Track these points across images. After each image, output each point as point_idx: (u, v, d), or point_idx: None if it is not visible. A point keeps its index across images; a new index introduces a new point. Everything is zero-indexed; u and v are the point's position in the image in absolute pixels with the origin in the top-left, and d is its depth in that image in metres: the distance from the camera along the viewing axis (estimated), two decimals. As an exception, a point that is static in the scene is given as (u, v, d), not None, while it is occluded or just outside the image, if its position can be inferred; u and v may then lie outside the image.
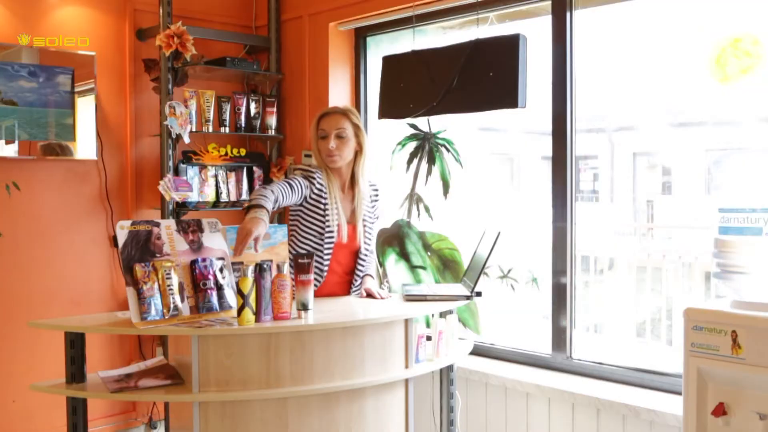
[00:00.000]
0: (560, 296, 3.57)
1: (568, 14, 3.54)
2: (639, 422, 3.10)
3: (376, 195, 3.43)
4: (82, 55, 4.18)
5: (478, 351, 3.77)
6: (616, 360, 3.43)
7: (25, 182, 3.76)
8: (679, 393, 2.73)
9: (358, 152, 3.30)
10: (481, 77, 3.56)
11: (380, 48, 4.44)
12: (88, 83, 4.21)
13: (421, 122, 4.24)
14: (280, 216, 4.70)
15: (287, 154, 4.69)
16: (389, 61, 4.01)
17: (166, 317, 2.59)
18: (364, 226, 3.33)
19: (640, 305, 3.70)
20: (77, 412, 2.67)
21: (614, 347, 3.61)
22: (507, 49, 3.47)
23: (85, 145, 4.20)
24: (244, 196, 4.58)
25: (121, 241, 2.60)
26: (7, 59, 3.93)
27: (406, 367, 2.91)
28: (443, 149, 4.21)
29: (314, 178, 3.21)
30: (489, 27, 3.79)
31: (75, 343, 2.66)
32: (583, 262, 3.68)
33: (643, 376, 3.29)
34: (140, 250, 2.63)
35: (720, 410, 2.41)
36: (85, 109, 4.20)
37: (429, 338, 3.10)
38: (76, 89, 4.16)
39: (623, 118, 3.76)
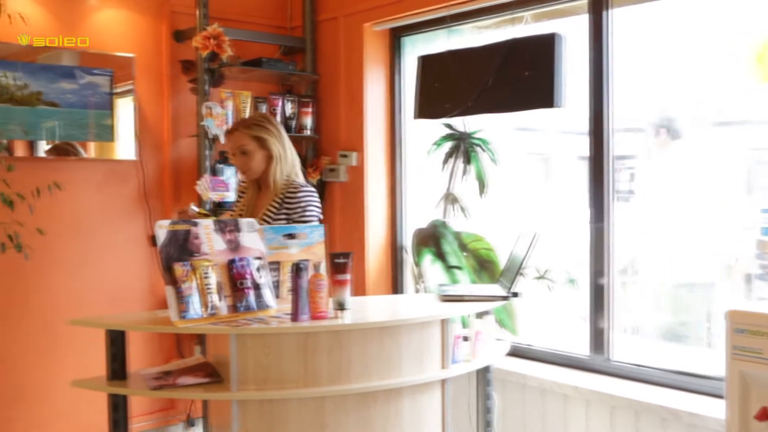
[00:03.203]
0: (598, 297, 3.54)
1: (605, 13, 3.51)
2: (680, 426, 3.06)
3: (291, 195, 3.25)
4: (121, 57, 4.23)
5: (515, 352, 3.75)
6: (656, 362, 3.39)
7: (67, 182, 3.81)
8: (720, 396, 2.70)
9: (271, 158, 3.27)
10: (517, 77, 3.54)
11: (415, 48, 4.44)
12: (127, 84, 4.26)
13: (457, 122, 4.23)
14: (316, 216, 4.72)
15: (323, 154, 4.71)
16: (425, 61, 4.00)
17: (205, 316, 2.60)
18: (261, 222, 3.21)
19: (677, 307, 3.65)
20: (118, 409, 2.70)
21: (653, 349, 3.56)
22: (543, 49, 3.45)
23: (124, 146, 4.25)
24: (280, 196, 4.60)
25: (160, 241, 2.62)
26: (49, 61, 3.98)
27: (443, 367, 2.89)
28: (479, 149, 4.19)
29: (240, 183, 3.44)
30: (524, 26, 3.76)
31: (116, 341, 2.69)
32: (620, 263, 3.64)
33: (683, 379, 3.25)
34: (179, 250, 2.65)
35: (764, 414, 2.37)
36: (124, 110, 4.25)
37: (466, 339, 3.09)
38: (116, 90, 4.21)
39: (661, 117, 3.71)
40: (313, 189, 3.32)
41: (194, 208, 3.16)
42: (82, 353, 4.00)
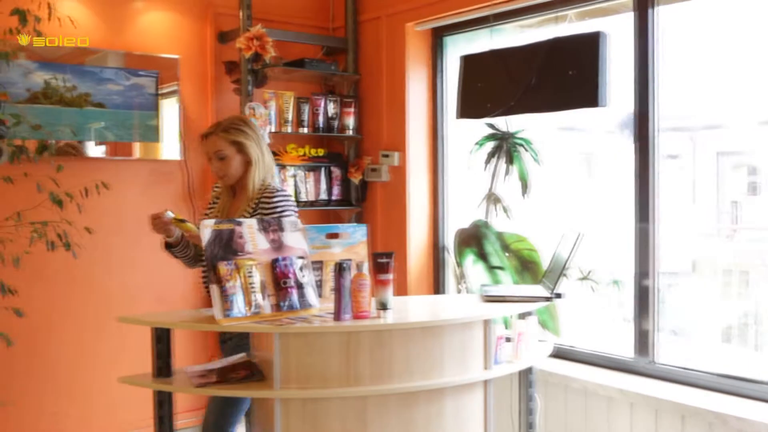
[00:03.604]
0: (643, 299, 3.49)
1: (650, 11, 3.47)
2: (727, 430, 3.01)
3: (267, 199, 3.09)
4: (166, 59, 4.29)
5: (558, 353, 3.72)
6: (702, 365, 3.34)
7: (114, 182, 3.88)
8: (769, 401, 2.65)
9: (249, 163, 3.11)
10: (561, 76, 3.51)
11: (457, 48, 4.42)
12: (172, 86, 4.31)
13: (500, 122, 4.21)
14: (358, 215, 4.73)
15: (365, 154, 4.72)
16: (467, 61, 3.99)
17: (249, 314, 2.63)
18: None
19: (727, 309, 3.59)
20: (163, 405, 2.73)
21: (699, 352, 3.50)
22: (588, 47, 3.42)
23: (169, 146, 4.31)
24: (323, 195, 4.63)
25: (205, 240, 2.65)
26: (96, 63, 4.05)
27: (485, 368, 2.88)
28: (521, 149, 4.17)
29: (213, 189, 3.34)
30: (568, 25, 3.73)
31: (162, 339, 2.73)
32: (665, 265, 3.59)
33: (731, 383, 3.19)
34: (223, 249, 2.67)
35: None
36: (169, 111, 4.31)
37: (508, 340, 3.07)
38: (161, 92, 4.27)
39: (708, 116, 3.65)
40: (288, 193, 3.18)
41: (170, 213, 2.96)
42: (129, 350, 4.07)
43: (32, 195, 3.51)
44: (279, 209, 3.05)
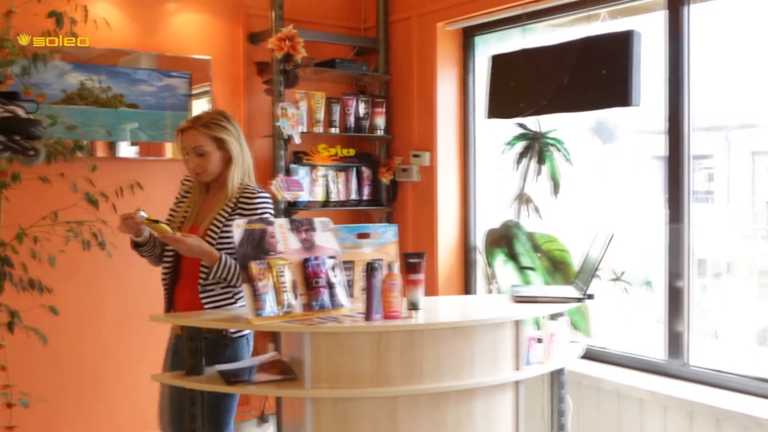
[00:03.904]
0: (676, 300, 3.46)
1: (683, 9, 3.43)
2: (762, 433, 2.97)
3: (247, 200, 2.95)
4: (198, 60, 4.33)
5: (589, 355, 3.70)
6: (737, 368, 3.30)
7: (147, 182, 3.91)
8: (806, 404, 2.60)
9: (229, 160, 2.98)
10: (593, 75, 3.48)
11: (488, 47, 4.41)
12: (204, 86, 4.35)
13: (530, 122, 4.19)
14: (389, 215, 4.74)
15: (395, 154, 4.72)
16: (498, 61, 3.97)
17: (280, 314, 2.64)
18: (210, 230, 2.92)
19: (762, 311, 3.54)
20: (195, 403, 2.76)
21: (733, 355, 3.45)
22: (620, 46, 3.39)
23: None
24: (353, 195, 4.64)
25: (237, 240, 2.67)
26: (129, 65, 4.10)
27: (516, 369, 2.87)
28: (553, 149, 4.14)
29: (182, 184, 3.17)
30: (600, 23, 3.70)
31: (194, 337, 2.75)
32: (699, 266, 3.54)
33: (766, 386, 3.15)
34: (255, 248, 2.69)
35: None
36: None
37: (539, 340, 3.05)
38: (192, 92, 4.31)
39: (742, 115, 3.60)
40: (268, 195, 3.03)
41: (143, 214, 2.79)
42: (161, 349, 4.11)
43: (68, 195, 3.56)
44: (259, 211, 2.93)
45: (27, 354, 3.64)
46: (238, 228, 2.68)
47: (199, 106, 4.33)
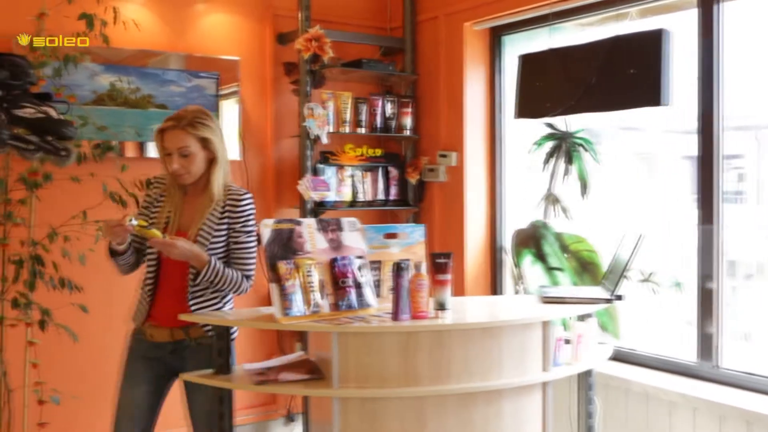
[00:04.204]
0: (707, 302, 3.42)
1: (715, 7, 3.39)
2: (794, 437, 2.93)
3: (234, 203, 2.85)
4: (226, 60, 4.35)
5: (618, 356, 3.66)
6: (769, 371, 3.26)
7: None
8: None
9: (213, 160, 2.84)
10: (622, 75, 3.46)
11: (516, 47, 4.39)
12: (232, 87, 4.37)
13: (559, 121, 4.16)
14: (416, 216, 4.73)
15: (422, 154, 4.72)
16: (526, 60, 3.95)
17: (307, 313, 2.65)
18: (201, 236, 2.80)
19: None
20: (224, 402, 2.77)
21: (765, 357, 3.41)
22: (650, 45, 3.36)
23: (229, 146, 4.35)
24: (380, 196, 4.64)
25: (265, 239, 2.68)
26: (158, 66, 4.14)
27: (544, 370, 2.85)
28: (581, 149, 4.12)
29: (152, 186, 2.99)
30: (629, 22, 3.67)
31: (222, 336, 2.77)
32: (730, 267, 3.51)
33: (798, 389, 3.11)
34: (283, 248, 2.70)
35: None
36: (229, 112, 4.37)
37: (567, 342, 3.04)
38: (221, 93, 4.33)
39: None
40: (251, 194, 2.92)
41: (134, 221, 2.65)
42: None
43: (98, 194, 3.59)
44: (247, 213, 2.86)
45: (58, 351, 3.68)
46: (266, 227, 2.69)
47: (228, 107, 4.35)
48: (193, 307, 2.82)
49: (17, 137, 2.64)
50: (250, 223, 2.87)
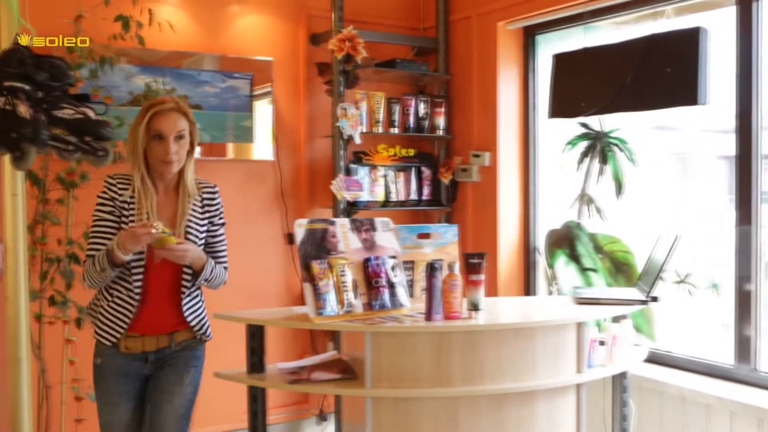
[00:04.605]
0: (745, 304, 3.37)
1: (754, 4, 3.34)
2: (835, 442, 2.88)
3: (213, 196, 2.80)
4: (260, 61, 4.38)
5: (653, 358, 3.63)
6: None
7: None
8: None
9: (191, 150, 2.72)
10: (658, 73, 3.42)
11: (550, 46, 4.36)
12: (265, 87, 4.40)
13: (593, 121, 4.13)
14: (448, 216, 4.72)
15: (455, 154, 4.71)
16: (560, 60, 3.93)
17: (341, 313, 2.66)
18: (190, 234, 2.70)
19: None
20: (257, 400, 2.80)
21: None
22: (686, 44, 3.32)
23: (261, 147, 4.40)
24: (413, 196, 4.64)
25: (298, 239, 2.69)
26: (192, 66, 4.17)
27: (578, 371, 2.83)
28: (616, 148, 4.08)
29: (113, 189, 2.66)
30: (666, 21, 3.63)
31: (256, 335, 2.79)
32: (768, 269, 3.47)
33: (839, 393, 3.05)
34: (316, 248, 2.71)
35: None
36: (262, 112, 4.40)
37: (602, 343, 3.01)
38: (254, 93, 4.36)
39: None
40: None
41: (160, 226, 2.52)
42: (222, 347, 4.17)
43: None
44: (221, 206, 2.83)
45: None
46: (300, 227, 2.70)
47: (261, 107, 4.38)
48: (187, 309, 2.71)
49: (56, 138, 2.68)
50: (222, 216, 2.84)
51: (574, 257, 4.25)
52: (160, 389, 2.73)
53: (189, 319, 2.73)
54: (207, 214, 2.77)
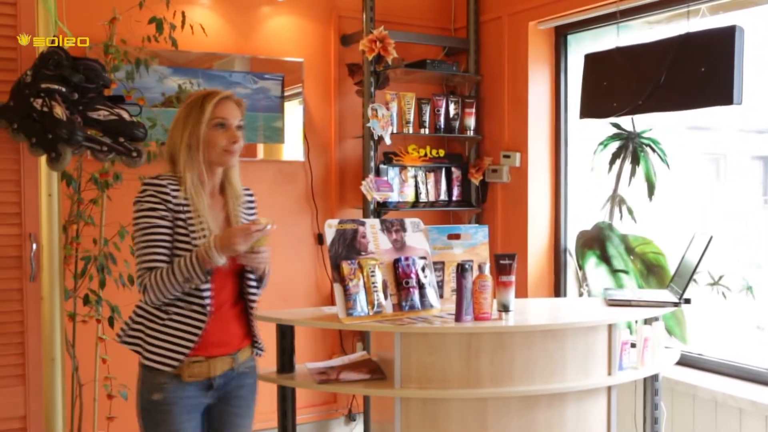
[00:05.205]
0: (779, 307, 3.32)
1: (792, 3, 3.29)
2: None
3: (252, 198, 2.61)
4: (290, 62, 4.40)
5: (685, 361, 3.59)
6: None
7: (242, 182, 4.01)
8: None
9: None
10: (692, 73, 3.38)
11: (582, 46, 4.33)
12: (296, 88, 4.42)
13: (625, 121, 4.09)
14: (478, 216, 4.71)
15: (485, 155, 4.69)
16: (592, 59, 3.90)
17: (370, 314, 2.67)
18: None
19: None
20: (286, 399, 2.81)
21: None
22: (721, 42, 3.27)
23: (292, 147, 4.42)
24: (443, 196, 4.64)
25: (329, 239, 2.71)
26: (224, 68, 4.21)
27: (609, 374, 2.82)
28: (648, 149, 4.04)
29: (165, 191, 2.32)
30: (700, 19, 3.59)
31: (285, 335, 2.81)
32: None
33: None
34: (347, 248, 2.72)
35: None
36: (293, 113, 4.42)
37: (633, 345, 2.99)
38: (285, 94, 4.39)
39: None
40: None
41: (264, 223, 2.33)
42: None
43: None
44: (255, 209, 2.62)
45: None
46: (330, 228, 2.72)
47: (292, 108, 4.40)
48: (253, 322, 2.49)
49: (91, 139, 2.72)
50: None
51: (605, 258, 4.22)
52: (228, 424, 2.46)
53: (255, 332, 2.48)
54: (250, 218, 2.54)
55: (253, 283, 2.47)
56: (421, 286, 2.75)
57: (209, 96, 2.41)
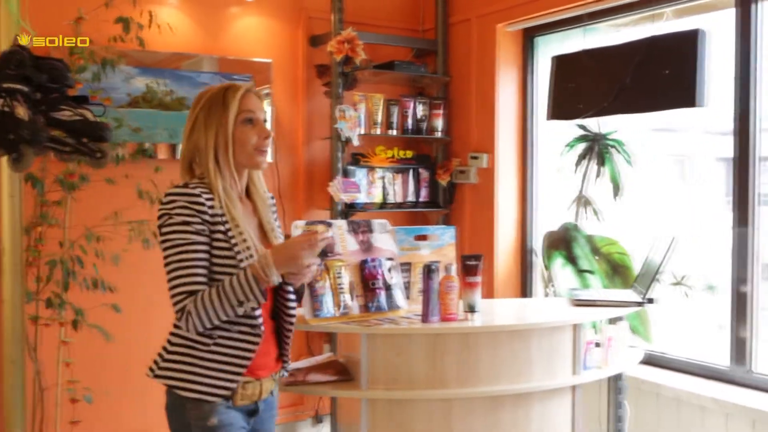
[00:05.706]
0: (741, 306, 3.37)
1: (753, 6, 3.35)
2: (830, 444, 2.88)
3: (274, 201, 2.35)
4: (259, 63, 4.39)
5: (649, 360, 3.63)
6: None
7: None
8: None
9: None
10: (657, 75, 3.43)
11: (549, 48, 4.37)
12: (264, 89, 4.40)
13: (591, 123, 4.14)
14: (446, 217, 4.73)
15: (453, 156, 4.71)
16: (559, 61, 3.93)
17: (337, 315, 2.67)
18: None
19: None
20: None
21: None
22: (685, 46, 3.32)
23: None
24: (410, 197, 4.65)
25: (295, 241, 2.69)
26: (191, 68, 4.18)
27: (574, 373, 2.85)
28: (613, 150, 4.09)
29: (199, 201, 2.02)
30: (665, 23, 3.64)
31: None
32: (764, 270, 3.47)
33: (834, 395, 3.06)
34: (313, 250, 2.71)
35: None
36: (262, 114, 4.40)
37: (598, 345, 3.02)
38: (254, 94, 4.36)
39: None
40: None
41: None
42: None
43: (130, 195, 3.63)
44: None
45: (91, 350, 3.73)
46: (297, 229, 2.71)
47: (260, 108, 4.38)
48: (290, 340, 2.26)
49: (54, 139, 2.69)
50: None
51: (571, 259, 4.26)
52: None
53: (287, 353, 2.27)
54: (277, 223, 2.30)
55: (292, 297, 2.20)
56: (387, 288, 2.76)
57: (230, 89, 2.12)
